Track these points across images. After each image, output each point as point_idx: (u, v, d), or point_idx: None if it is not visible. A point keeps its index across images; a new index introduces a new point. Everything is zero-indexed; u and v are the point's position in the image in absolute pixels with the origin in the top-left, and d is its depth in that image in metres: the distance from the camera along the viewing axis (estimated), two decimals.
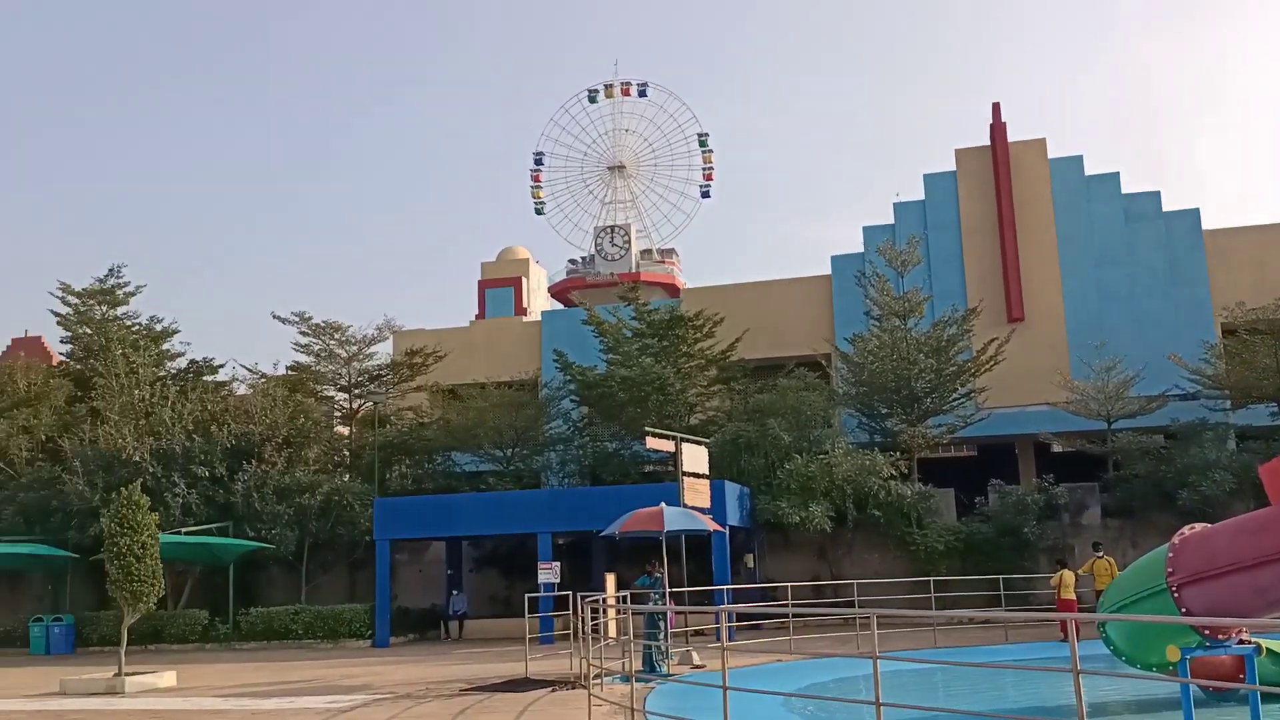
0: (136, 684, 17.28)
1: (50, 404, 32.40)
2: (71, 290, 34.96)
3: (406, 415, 34.51)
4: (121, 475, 26.58)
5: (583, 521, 24.62)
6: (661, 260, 60.76)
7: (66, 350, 36.48)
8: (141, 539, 18.45)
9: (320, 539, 28.52)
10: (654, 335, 31.81)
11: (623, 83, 62.23)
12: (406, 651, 23.51)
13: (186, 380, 33.69)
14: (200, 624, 26.68)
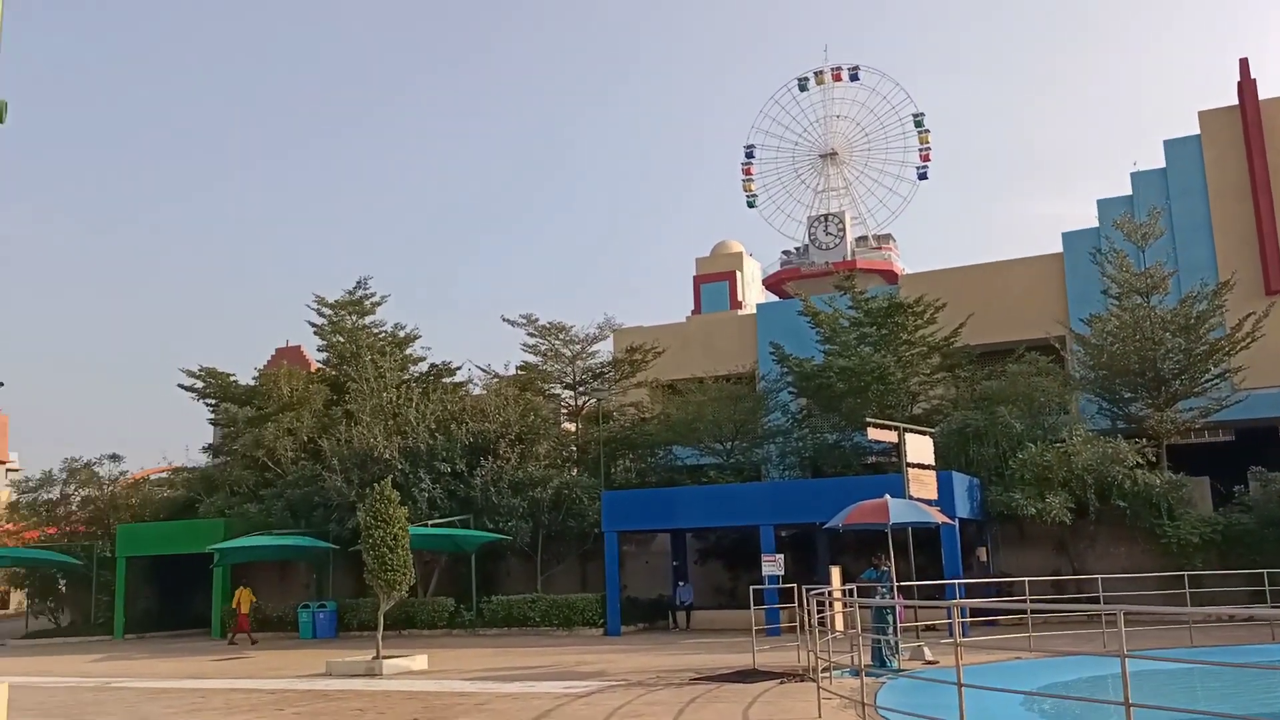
0: (393, 666, 18.60)
1: (310, 408, 35.25)
2: (325, 303, 37.93)
3: (628, 411, 35.40)
4: (374, 472, 28.66)
5: (805, 514, 24.52)
6: (878, 247, 59.42)
7: (323, 358, 39.59)
8: (393, 531, 19.85)
9: (552, 531, 29.70)
10: (872, 324, 31.21)
11: (833, 68, 61.25)
12: (636, 640, 24.15)
13: (428, 382, 35.91)
14: (447, 611, 28.36)
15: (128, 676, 20.06)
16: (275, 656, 23.47)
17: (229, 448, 36.30)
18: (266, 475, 33.47)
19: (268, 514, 31.57)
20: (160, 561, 33.71)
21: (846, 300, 32.62)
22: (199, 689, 17.29)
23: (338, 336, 37.98)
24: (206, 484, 35.82)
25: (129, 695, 16.82)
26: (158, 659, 24.29)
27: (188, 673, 20.33)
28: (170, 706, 15.12)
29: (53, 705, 15.56)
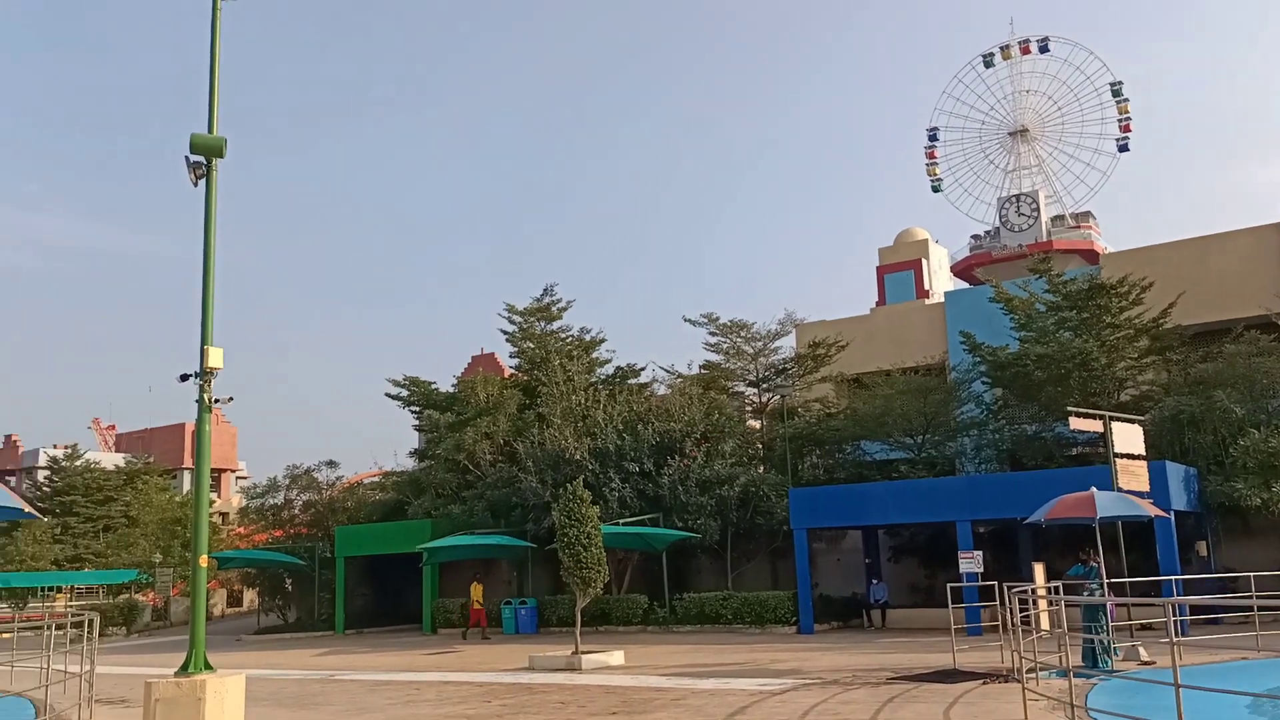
0: (591, 661, 19.14)
1: (505, 412, 36.64)
2: (516, 310, 39.34)
3: (814, 406, 35.07)
4: (566, 473, 29.52)
5: (1004, 509, 23.66)
6: (1076, 226, 56.59)
7: (515, 364, 41.07)
8: (587, 529, 20.45)
9: (741, 528, 29.76)
10: (1072, 307, 29.75)
11: (1020, 41, 58.77)
12: (830, 638, 23.93)
13: (614, 384, 36.69)
14: (641, 608, 28.90)
15: (349, 669, 21.44)
16: (481, 651, 24.53)
17: (433, 452, 38.15)
18: (468, 477, 35.01)
19: (470, 514, 33.00)
20: (375, 560, 35.76)
21: (1042, 284, 31.23)
22: (413, 681, 18.31)
23: (528, 343, 39.28)
24: (414, 487, 37.77)
25: (351, 687, 18.00)
26: (375, 653, 25.82)
27: (403, 666, 21.54)
28: (389, 698, 16.09)
29: (285, 695, 16.82)
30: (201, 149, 10.25)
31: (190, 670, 9.50)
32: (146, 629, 42.09)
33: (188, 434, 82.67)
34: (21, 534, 50.17)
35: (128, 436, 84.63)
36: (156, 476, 60.11)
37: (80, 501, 54.07)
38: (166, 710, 9.24)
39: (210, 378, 10.16)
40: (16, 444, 80.00)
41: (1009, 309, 31.06)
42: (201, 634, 9.82)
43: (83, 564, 52.87)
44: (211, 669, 9.63)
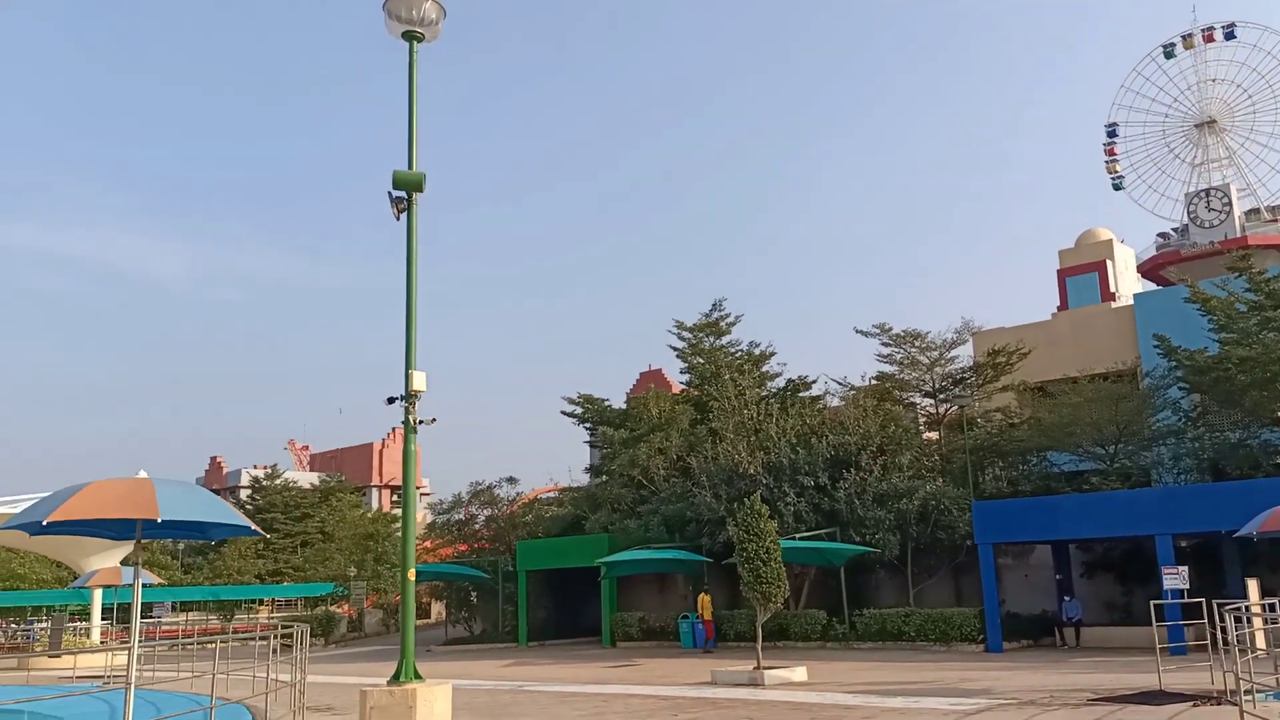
0: (774, 677, 19.07)
1: (678, 427, 36.98)
2: (684, 327, 39.71)
3: (995, 416, 33.94)
4: (740, 487, 29.53)
5: (1207, 521, 22.32)
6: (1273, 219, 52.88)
7: (685, 379, 41.42)
8: (765, 544, 20.42)
9: (921, 543, 29.07)
10: (1276, 306, 27.81)
11: (1204, 29, 55.52)
12: (1021, 657, 23.05)
13: (785, 397, 36.49)
14: (820, 623, 28.57)
15: (535, 681, 22.04)
16: (662, 665, 24.78)
17: (607, 467, 38.84)
18: (642, 493, 35.48)
19: (646, 529, 33.42)
20: (554, 574, 36.65)
21: (1242, 282, 29.33)
22: (600, 694, 18.68)
23: (697, 358, 39.54)
24: (590, 502, 38.54)
25: (540, 698, 18.52)
26: (558, 664, 26.45)
27: (587, 678, 21.99)
28: (578, 709, 16.48)
29: (478, 705, 17.45)
30: (403, 184, 10.90)
31: (401, 679, 10.03)
32: (343, 640, 44.35)
33: (375, 454, 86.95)
34: (229, 550, 53.82)
35: (321, 456, 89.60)
36: (349, 494, 63.36)
37: (280, 519, 57.56)
38: (381, 717, 9.79)
39: (415, 400, 10.75)
40: (221, 465, 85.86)
41: (1206, 310, 29.29)
42: (411, 644, 10.35)
43: (282, 577, 56.29)
44: (421, 678, 10.14)
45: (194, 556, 56.28)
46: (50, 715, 18.10)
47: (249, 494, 64.19)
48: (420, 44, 11.30)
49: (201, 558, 55.87)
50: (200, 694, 18.14)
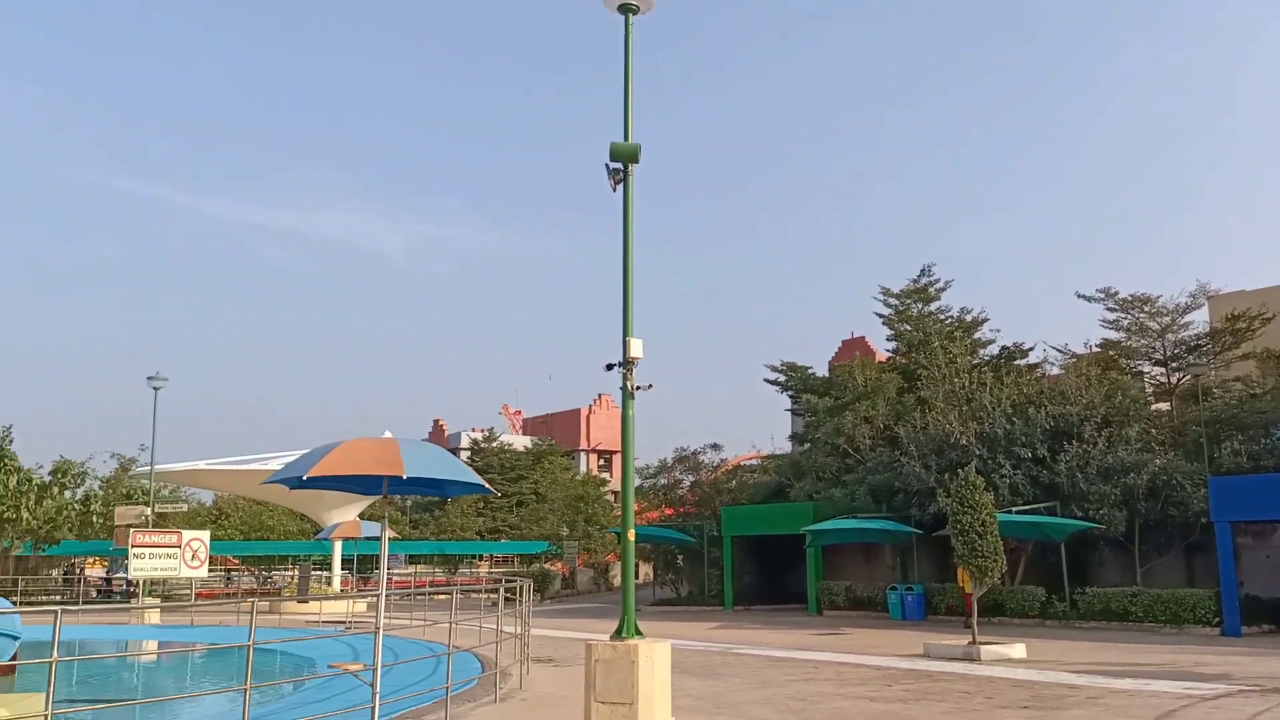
0: (990, 653, 18.58)
1: (884, 396, 36.30)
2: (890, 293, 38.83)
3: (1234, 386, 31.53)
4: (951, 458, 28.73)
5: None
6: None
7: (891, 347, 40.57)
8: (981, 517, 19.85)
9: (1150, 520, 27.47)
10: None
11: None
12: (1261, 643, 21.50)
13: (999, 365, 35.15)
14: (1038, 600, 27.52)
15: (744, 644, 22.34)
16: (871, 635, 24.58)
17: (811, 435, 38.61)
18: (847, 461, 35.09)
19: (851, 498, 33.07)
20: (759, 540, 36.87)
21: None
22: (809, 660, 18.77)
23: (905, 325, 38.60)
24: (794, 470, 38.47)
25: (750, 661, 18.79)
26: (765, 629, 26.67)
27: (795, 644, 22.10)
28: (788, 674, 16.64)
29: (691, 665, 17.89)
30: (620, 156, 11.19)
31: (624, 635, 10.41)
32: (557, 596, 46.23)
33: (582, 419, 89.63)
34: (452, 507, 57.00)
35: (532, 421, 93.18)
36: (559, 457, 65.67)
37: (496, 479, 60.44)
38: (605, 670, 10.21)
39: (632, 366, 11.07)
40: (443, 428, 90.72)
41: None
42: (632, 601, 10.73)
43: (500, 535, 59.17)
44: (642, 635, 10.50)
45: (421, 513, 59.90)
46: (302, 655, 19.86)
47: (468, 455, 67.69)
48: (634, 16, 11.54)
49: (428, 514, 59.40)
50: (433, 641, 19.47)
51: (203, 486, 53.83)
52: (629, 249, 11.39)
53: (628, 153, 11.30)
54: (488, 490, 11.63)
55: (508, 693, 13.82)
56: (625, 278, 11.36)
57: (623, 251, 11.41)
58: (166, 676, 19.76)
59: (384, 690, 10.60)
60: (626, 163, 11.37)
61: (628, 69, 11.69)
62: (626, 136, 11.55)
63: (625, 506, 11.18)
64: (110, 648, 23.99)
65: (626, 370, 11.15)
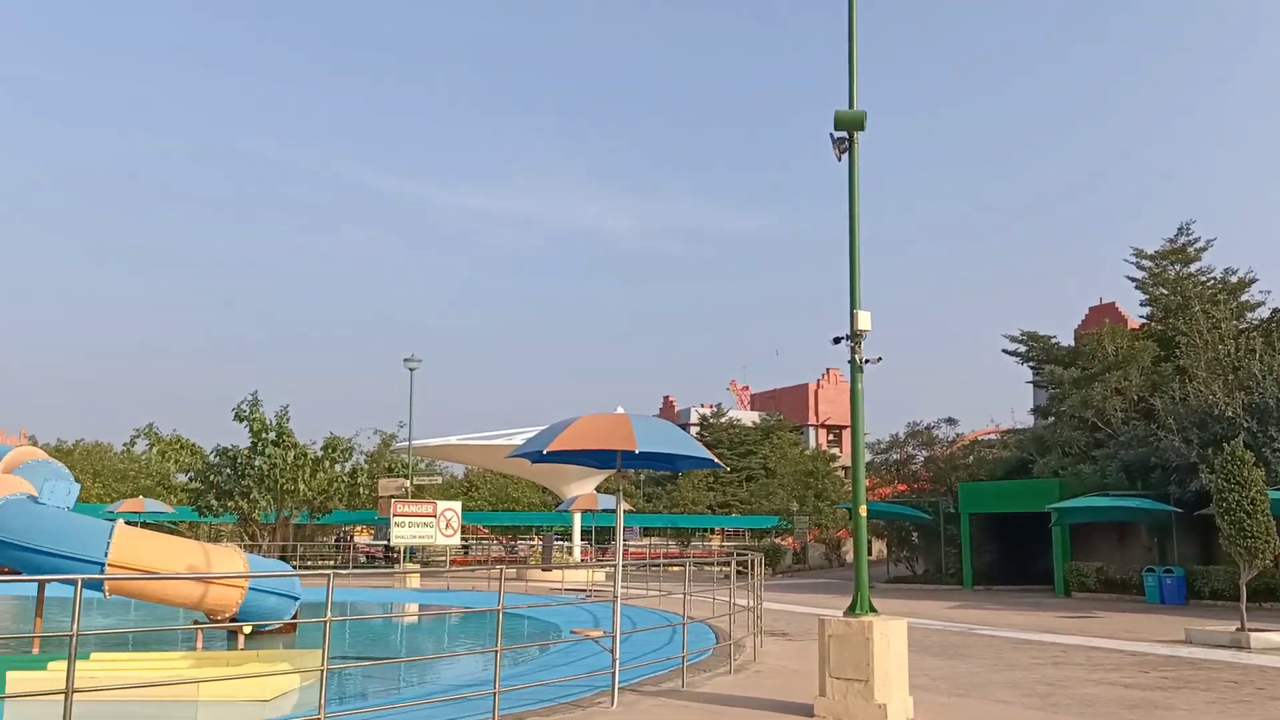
0: (1262, 640, 17.11)
1: (1137, 365, 33.93)
2: (1144, 254, 36.17)
3: None
4: (1215, 431, 26.54)
5: None
6: None
7: (1144, 313, 37.81)
8: (1250, 495, 18.29)
9: None
10: None
11: None
12: None
13: (1271, 330, 32.08)
14: None
15: (984, 625, 21.57)
16: (1125, 619, 23.15)
17: (1055, 409, 36.65)
18: (1096, 436, 33.08)
19: (1102, 475, 31.17)
20: (998, 518, 35.44)
21: None
22: (1057, 644, 17.91)
23: (1160, 289, 35.90)
24: (1037, 444, 36.65)
25: (993, 642, 18.13)
26: (1007, 610, 25.64)
27: (1040, 626, 21.14)
28: (1033, 657, 15.96)
29: (928, 644, 17.47)
30: (844, 124, 10.98)
31: (858, 611, 10.30)
32: (788, 570, 46.23)
33: (810, 394, 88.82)
34: (684, 482, 58.01)
35: (760, 396, 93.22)
36: (788, 432, 65.45)
37: (726, 454, 60.97)
38: (839, 646, 10.15)
39: (860, 339, 10.89)
40: (673, 404, 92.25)
41: None
42: (865, 578, 10.59)
43: (730, 509, 59.70)
44: (876, 611, 10.36)
45: (654, 487, 61.30)
46: (547, 620, 20.85)
47: (697, 430, 68.56)
48: None
49: (660, 488, 60.71)
50: (668, 611, 19.95)
51: (454, 460, 57.28)
52: (855, 220, 11.19)
53: (853, 120, 11.08)
54: (718, 465, 11.79)
55: (742, 664, 13.99)
56: (852, 249, 11.17)
57: (849, 222, 11.23)
58: (426, 637, 21.22)
59: (623, 656, 11.00)
60: (851, 131, 11.15)
61: (852, 34, 11.46)
62: (851, 104, 11.33)
63: (856, 482, 11.04)
64: (376, 609, 26.05)
65: (855, 343, 10.98)
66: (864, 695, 9.91)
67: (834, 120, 11.10)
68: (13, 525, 15.34)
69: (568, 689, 11.28)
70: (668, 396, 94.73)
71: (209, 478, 42.05)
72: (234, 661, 13.31)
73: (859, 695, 9.94)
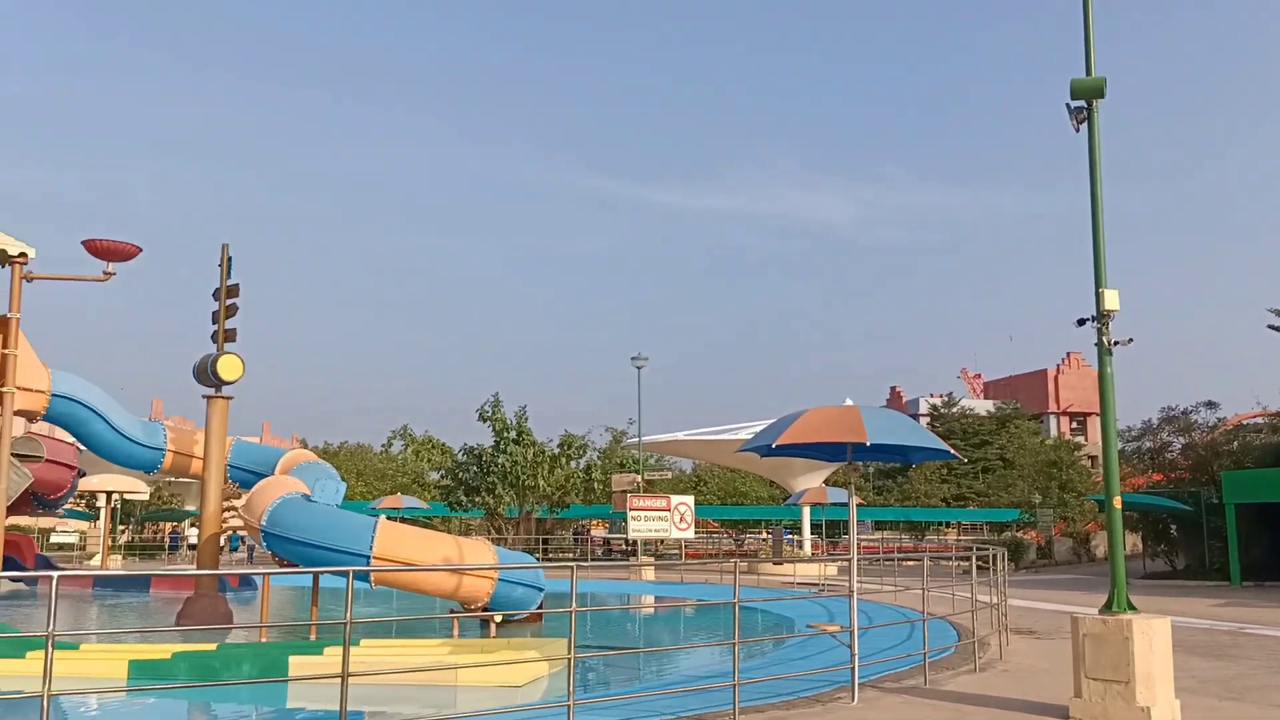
0: None
1: None
2: None
3: None
4: None
5: None
6: None
7: None
8: None
9: None
10: None
11: None
12: None
13: None
14: None
15: (1257, 624, 19.81)
16: None
17: None
18: None
19: None
20: (1270, 509, 32.42)
21: None
22: None
23: None
24: None
25: (1267, 643, 16.64)
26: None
27: None
28: None
29: (1192, 644, 16.24)
30: (1082, 93, 10.36)
31: (1114, 609, 9.73)
32: (1032, 566, 44.05)
33: (1049, 380, 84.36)
34: (915, 474, 56.50)
35: (993, 384, 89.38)
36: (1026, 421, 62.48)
37: (959, 445, 58.85)
38: (1095, 645, 9.60)
39: (1107, 320, 10.25)
40: (900, 394, 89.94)
41: None
42: (1122, 574, 9.98)
43: (966, 502, 57.55)
44: (1135, 609, 9.74)
45: (884, 480, 60.00)
46: (781, 614, 20.84)
47: (927, 421, 66.55)
48: None
49: (891, 481, 59.35)
50: (904, 607, 19.50)
51: (682, 455, 58.12)
52: (1097, 193, 10.55)
53: (1091, 88, 10.44)
54: (954, 455, 11.43)
55: (987, 662, 13.49)
56: (1095, 224, 10.54)
57: (1090, 196, 10.60)
58: (661, 628, 21.68)
59: (861, 652, 10.85)
60: (1090, 99, 10.52)
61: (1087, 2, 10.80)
62: (1088, 71, 10.68)
63: (1108, 472, 10.42)
64: (613, 600, 26.83)
65: (1102, 325, 10.36)
66: (1124, 697, 9.35)
67: (1070, 89, 10.51)
68: (289, 522, 16.82)
69: (806, 683, 11.24)
70: (894, 387, 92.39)
71: (458, 475, 44.61)
72: (488, 649, 14.06)
73: (1119, 697, 9.39)
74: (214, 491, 19.23)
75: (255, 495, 17.76)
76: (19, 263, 16.40)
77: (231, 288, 19.41)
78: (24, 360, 17.12)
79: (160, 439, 21.67)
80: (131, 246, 16.94)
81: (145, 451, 21.34)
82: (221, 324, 19.29)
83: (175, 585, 25.12)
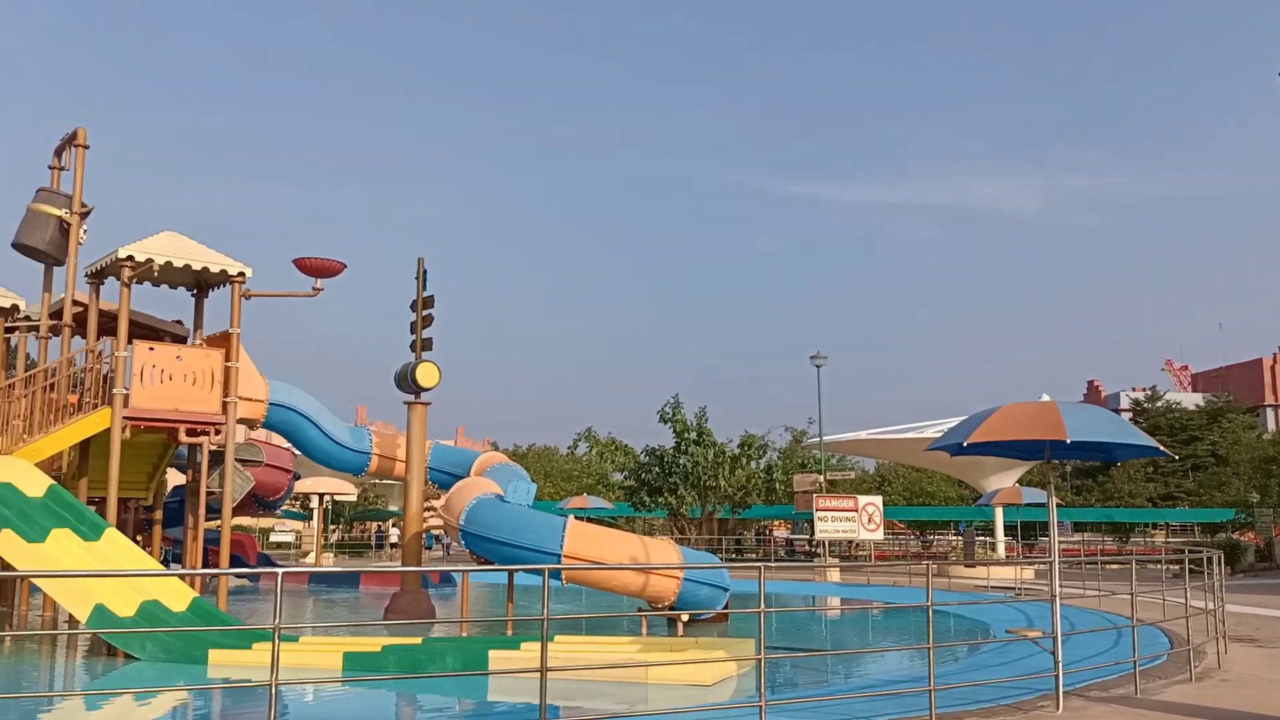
0: None
1: None
2: None
3: None
4: None
5: None
6: None
7: None
8: None
9: None
10: None
11: None
12: None
13: None
14: None
15: None
16: None
17: None
18: None
19: None
20: None
21: None
22: None
23: None
24: None
25: None
26: None
27: None
28: None
29: None
30: None
31: None
32: (1250, 569, 40.99)
33: (1264, 370, 78.27)
34: (1118, 473, 53.55)
35: (1203, 376, 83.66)
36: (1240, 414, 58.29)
37: (1166, 441, 55.34)
38: None
39: None
40: (1098, 389, 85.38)
41: None
42: None
43: (1175, 501, 54.12)
44: None
45: (1083, 479, 57.16)
46: (975, 619, 20.19)
47: (1129, 416, 62.88)
48: None
49: (1091, 480, 56.48)
50: (1109, 612, 18.56)
51: (865, 454, 57.06)
52: None
53: None
54: (1164, 453, 10.83)
55: (1204, 672, 12.69)
56: None
57: None
58: (849, 631, 21.37)
59: (1064, 659, 10.42)
60: None
61: None
62: None
63: None
64: (798, 601, 26.63)
65: None
66: None
67: None
68: (485, 521, 17.54)
69: (1005, 690, 10.88)
70: (1092, 380, 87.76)
71: (640, 476, 45.29)
72: (676, 648, 14.24)
73: None
74: (416, 492, 20.25)
75: (453, 496, 18.60)
76: (238, 282, 17.77)
77: (427, 299, 20.38)
78: (245, 372, 18.53)
79: (367, 443, 23.00)
80: (338, 264, 18.08)
81: (354, 455, 22.71)
82: (419, 333, 20.27)
83: (383, 581, 26.55)
